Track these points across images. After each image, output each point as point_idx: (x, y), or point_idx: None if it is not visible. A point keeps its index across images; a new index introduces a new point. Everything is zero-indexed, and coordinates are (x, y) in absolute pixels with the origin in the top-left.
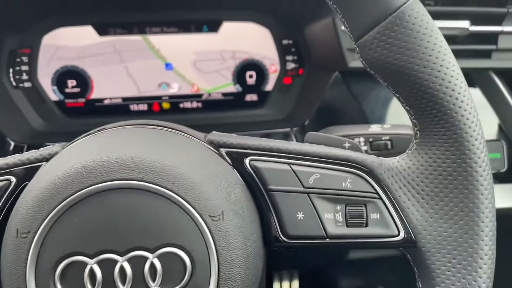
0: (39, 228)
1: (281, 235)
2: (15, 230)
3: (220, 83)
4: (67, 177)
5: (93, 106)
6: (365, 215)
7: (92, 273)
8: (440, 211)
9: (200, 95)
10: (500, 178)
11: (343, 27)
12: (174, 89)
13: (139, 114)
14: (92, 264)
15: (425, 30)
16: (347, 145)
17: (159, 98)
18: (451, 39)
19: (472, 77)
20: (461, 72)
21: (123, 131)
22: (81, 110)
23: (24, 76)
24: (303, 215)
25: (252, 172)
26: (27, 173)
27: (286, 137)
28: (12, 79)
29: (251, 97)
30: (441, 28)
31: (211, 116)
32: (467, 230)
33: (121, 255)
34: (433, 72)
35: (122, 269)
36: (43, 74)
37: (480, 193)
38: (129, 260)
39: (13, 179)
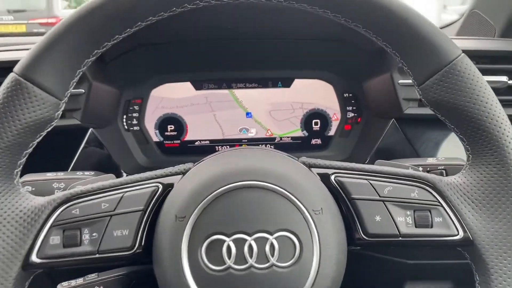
0: (192, 214)
1: (362, 234)
2: (174, 216)
3: (290, 129)
4: (212, 178)
5: (186, 146)
6: (430, 219)
7: (228, 248)
8: (491, 214)
9: (273, 139)
10: None
11: (400, 80)
12: (252, 133)
13: None
14: (229, 241)
15: (473, 77)
16: (410, 169)
17: (239, 140)
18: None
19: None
20: (503, 109)
21: (242, 151)
22: (176, 149)
23: (134, 121)
24: (380, 218)
25: (336, 185)
26: (168, 183)
27: None
28: (125, 123)
29: (316, 141)
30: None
31: None
32: None
33: (250, 235)
34: (482, 108)
35: (250, 246)
36: (148, 120)
37: None
38: (255, 239)
39: (160, 186)
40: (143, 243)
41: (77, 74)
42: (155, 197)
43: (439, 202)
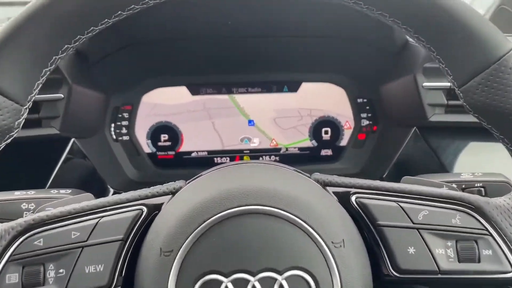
0: (181, 247)
1: (391, 269)
2: (159, 249)
3: (297, 139)
4: (206, 202)
5: (182, 158)
6: (477, 251)
7: None
8: None
9: (278, 149)
10: None
11: (425, 83)
12: (255, 144)
13: None
14: (227, 282)
15: None
16: (444, 188)
17: (240, 151)
18: None
19: None
20: None
21: (243, 167)
22: (170, 162)
23: (124, 130)
24: (414, 250)
25: (358, 208)
26: (156, 205)
27: None
28: (113, 132)
29: (326, 152)
30: None
31: None
32: None
33: (253, 275)
34: None
35: None
36: (139, 129)
37: None
38: (260, 280)
39: (145, 209)
40: (121, 282)
41: (43, 75)
42: (138, 223)
43: (487, 230)
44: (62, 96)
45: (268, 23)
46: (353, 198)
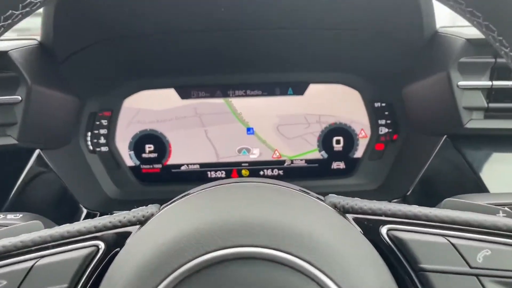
0: None
1: None
2: None
3: (304, 149)
4: (177, 243)
5: (170, 172)
6: None
7: None
8: None
9: (282, 162)
10: None
11: (460, 82)
12: (255, 155)
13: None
14: None
15: None
16: (501, 214)
17: (238, 164)
18: None
19: None
20: None
21: (236, 189)
22: (157, 176)
23: (102, 140)
24: None
25: (392, 244)
26: (118, 238)
27: None
28: (89, 142)
29: (338, 164)
30: None
31: None
32: None
33: None
34: None
35: None
36: (121, 138)
37: None
38: None
39: (102, 245)
40: None
41: None
42: (91, 266)
43: None
44: (20, 98)
45: (273, 13)
46: (383, 230)
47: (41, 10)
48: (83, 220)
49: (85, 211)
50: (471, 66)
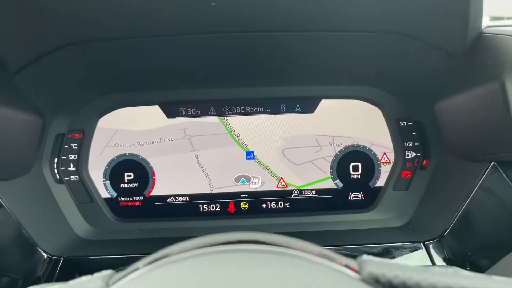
0: None
1: None
2: None
3: (315, 178)
4: None
5: (153, 206)
6: None
7: None
8: None
9: (288, 193)
10: None
11: None
12: (256, 185)
13: (209, 216)
14: None
15: None
16: None
17: (236, 196)
18: None
19: None
20: None
21: (218, 263)
22: (138, 211)
23: (71, 168)
24: None
25: None
26: None
27: (413, 255)
28: (56, 171)
29: (356, 195)
30: None
31: (302, 221)
32: None
33: None
34: None
35: None
36: (94, 165)
37: None
38: None
39: None
40: None
41: None
42: None
43: None
44: None
45: (277, 11)
46: None
47: None
48: (41, 270)
49: (45, 256)
50: None
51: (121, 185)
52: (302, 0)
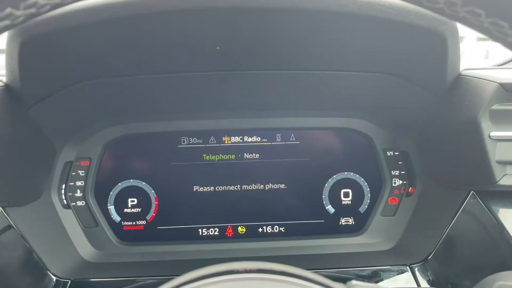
0: None
1: None
2: None
3: None
4: None
5: (155, 230)
6: None
7: None
8: None
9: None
10: None
11: (493, 132)
12: None
13: (208, 240)
14: None
15: None
16: None
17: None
18: None
19: None
20: None
21: None
22: (140, 235)
23: (78, 193)
24: None
25: None
26: None
27: (400, 277)
28: (63, 196)
29: (347, 220)
30: None
31: (295, 244)
32: None
33: None
34: None
35: None
36: (100, 191)
37: None
38: None
39: None
40: None
41: None
42: None
43: None
44: None
45: (273, 51)
46: None
47: (4, 46)
48: None
49: (54, 279)
50: (505, 114)
51: (125, 210)
52: (293, 45)
